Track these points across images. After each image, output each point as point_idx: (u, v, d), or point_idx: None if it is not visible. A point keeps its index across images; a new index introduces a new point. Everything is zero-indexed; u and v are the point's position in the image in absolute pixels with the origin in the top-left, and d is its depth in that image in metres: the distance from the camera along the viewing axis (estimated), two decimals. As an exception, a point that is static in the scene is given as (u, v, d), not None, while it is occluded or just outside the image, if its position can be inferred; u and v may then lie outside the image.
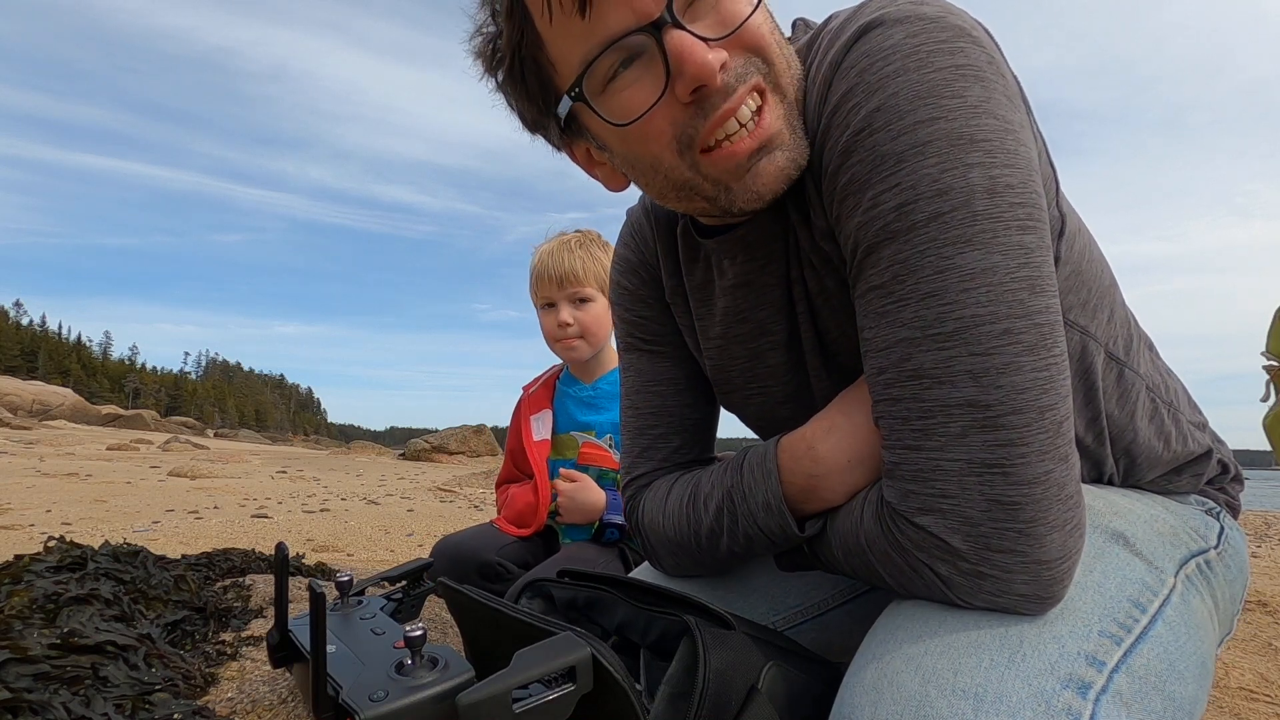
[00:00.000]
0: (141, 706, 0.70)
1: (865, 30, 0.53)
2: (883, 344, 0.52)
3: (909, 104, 0.50)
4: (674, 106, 0.55)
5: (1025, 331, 0.48)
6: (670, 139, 0.56)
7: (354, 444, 23.67)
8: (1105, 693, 0.47)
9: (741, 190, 0.58)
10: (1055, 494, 0.48)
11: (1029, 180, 0.50)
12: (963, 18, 0.53)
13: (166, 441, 14.10)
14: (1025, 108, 0.56)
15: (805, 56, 0.60)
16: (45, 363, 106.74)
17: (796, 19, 0.68)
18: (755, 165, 0.56)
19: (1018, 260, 0.49)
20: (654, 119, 0.55)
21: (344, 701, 0.46)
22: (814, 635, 0.79)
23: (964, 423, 0.48)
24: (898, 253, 0.50)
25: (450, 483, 7.78)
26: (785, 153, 0.57)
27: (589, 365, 1.52)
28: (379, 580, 0.82)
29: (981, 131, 0.49)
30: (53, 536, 1.05)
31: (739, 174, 0.57)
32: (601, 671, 0.48)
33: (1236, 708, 1.20)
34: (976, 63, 0.51)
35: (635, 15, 0.53)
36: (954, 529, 0.49)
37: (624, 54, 0.54)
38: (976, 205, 0.48)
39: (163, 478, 6.42)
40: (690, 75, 0.52)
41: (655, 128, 0.56)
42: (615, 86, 0.56)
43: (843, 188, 0.54)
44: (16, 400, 29.80)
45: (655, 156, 0.58)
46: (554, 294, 1.45)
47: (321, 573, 1.52)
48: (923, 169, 0.49)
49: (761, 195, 0.58)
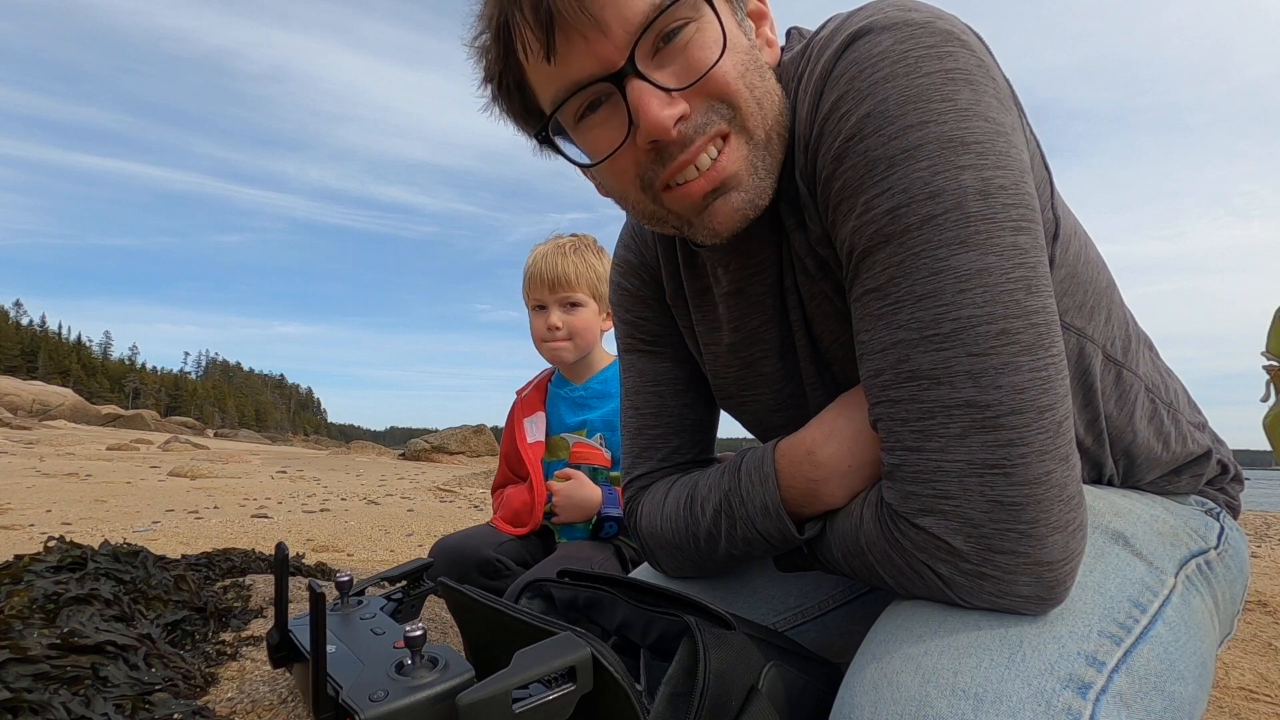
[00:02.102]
0: (141, 706, 0.70)
1: (854, 38, 0.53)
2: (879, 346, 0.52)
3: (899, 109, 0.50)
4: (636, 150, 0.57)
5: (1022, 331, 0.48)
6: (633, 177, 0.59)
7: (354, 444, 23.69)
8: (1105, 693, 0.47)
9: (700, 226, 0.60)
10: (1057, 494, 0.48)
11: (1021, 181, 0.50)
12: (951, 22, 0.53)
13: (166, 441, 14.10)
14: (1017, 110, 0.56)
15: (797, 65, 0.60)
16: (45, 363, 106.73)
17: (791, 28, 0.68)
18: (711, 205, 0.58)
19: (1013, 261, 0.49)
20: (619, 159, 0.58)
21: (344, 701, 0.46)
22: (814, 636, 0.79)
23: (964, 423, 0.48)
24: (892, 256, 0.51)
25: (450, 483, 7.78)
26: (742, 194, 0.58)
27: (578, 367, 1.53)
28: (379, 580, 0.82)
29: (972, 134, 0.49)
30: (53, 536, 1.05)
31: (696, 211, 0.59)
32: (601, 671, 0.48)
33: (1236, 708, 1.20)
34: (965, 66, 0.51)
35: (600, 64, 0.54)
36: (955, 530, 0.49)
37: (590, 98, 0.57)
38: (969, 207, 0.48)
39: (163, 478, 6.42)
40: (646, 131, 0.54)
41: (620, 166, 0.59)
42: (584, 125, 0.59)
43: (836, 193, 0.54)
44: (16, 400, 29.80)
45: (622, 189, 0.62)
46: (545, 296, 1.47)
47: (321, 573, 1.52)
48: (914, 172, 0.49)
49: (718, 233, 0.60)
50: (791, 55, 0.62)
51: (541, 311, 1.48)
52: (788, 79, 0.61)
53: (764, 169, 0.58)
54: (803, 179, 0.58)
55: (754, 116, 0.57)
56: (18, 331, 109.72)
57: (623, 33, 0.53)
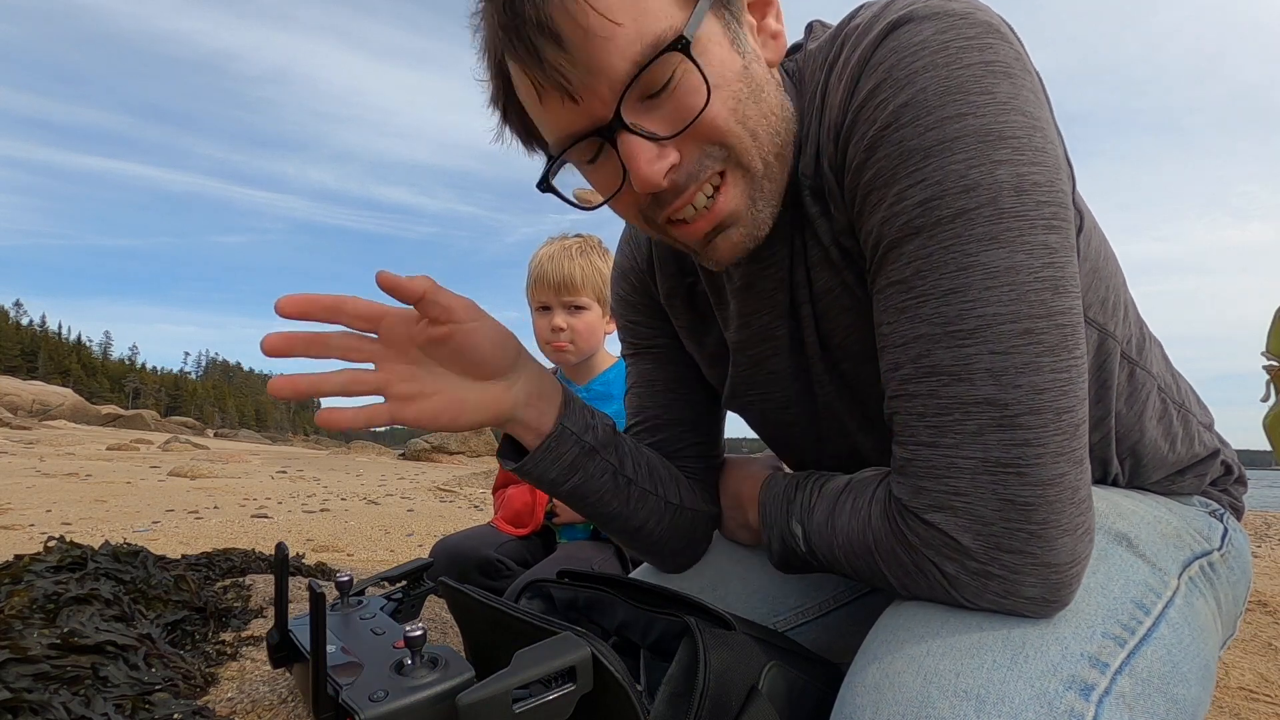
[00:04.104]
0: (141, 706, 0.70)
1: (894, 26, 0.52)
2: (901, 339, 0.52)
3: (937, 99, 0.49)
4: (634, 193, 0.57)
5: (1047, 332, 0.48)
6: (635, 213, 0.60)
7: (354, 444, 23.68)
8: (1108, 694, 0.46)
9: (705, 257, 0.61)
10: (1069, 497, 0.48)
11: (1056, 179, 0.50)
12: (990, 14, 0.52)
13: (166, 441, 14.09)
14: (1048, 105, 0.55)
15: (826, 53, 0.59)
16: (45, 363, 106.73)
17: (813, 20, 0.67)
18: (712, 241, 0.59)
19: (1042, 260, 0.48)
20: (619, 202, 0.60)
21: (344, 701, 0.46)
22: (815, 636, 0.79)
23: (981, 421, 0.48)
24: (921, 248, 0.50)
25: (450, 483, 7.77)
26: (741, 229, 0.59)
27: (581, 368, 1.53)
28: (379, 580, 0.82)
29: (1010, 128, 0.48)
30: (53, 536, 1.05)
31: (700, 245, 0.60)
32: (602, 671, 0.47)
33: (1236, 708, 1.20)
34: (1005, 59, 0.50)
35: (590, 119, 0.54)
36: (965, 527, 0.48)
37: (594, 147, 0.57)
38: (1003, 203, 0.48)
39: (163, 478, 6.42)
40: (638, 187, 0.55)
41: (621, 205, 0.60)
42: (590, 167, 0.60)
43: (867, 183, 0.53)
44: (16, 400, 29.80)
45: (631, 219, 0.63)
46: (550, 299, 1.47)
47: (321, 573, 1.52)
48: (950, 164, 0.48)
49: (721, 264, 0.62)
50: (819, 44, 0.61)
51: (546, 313, 1.48)
52: (813, 68, 0.60)
53: (763, 199, 0.58)
54: (831, 168, 0.57)
55: (749, 151, 0.56)
56: (18, 331, 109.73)
57: (609, 89, 0.52)
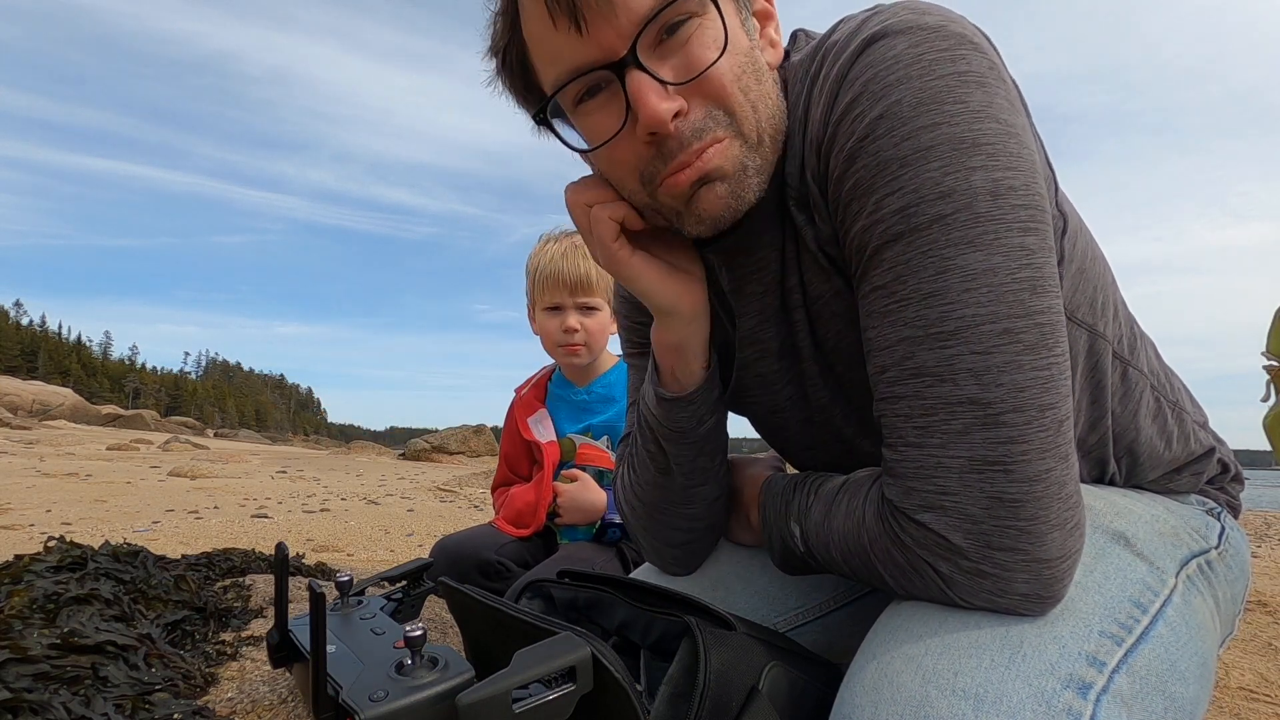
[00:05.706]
0: (141, 706, 0.70)
1: (870, 41, 0.54)
2: (885, 343, 0.53)
3: (912, 110, 0.50)
4: (635, 140, 0.57)
5: (1026, 331, 0.49)
6: (633, 168, 0.59)
7: (354, 444, 23.67)
8: (1106, 693, 0.47)
9: (689, 215, 0.60)
10: (1056, 492, 0.48)
11: (1032, 182, 0.51)
12: (964, 25, 0.53)
13: (166, 441, 14.09)
14: (1025, 111, 0.56)
15: (808, 67, 0.60)
16: (45, 363, 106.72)
17: (797, 30, 0.69)
18: (696, 193, 0.58)
19: (1019, 261, 0.49)
20: (618, 147, 0.58)
21: (344, 701, 0.46)
22: (815, 636, 0.79)
23: (966, 420, 0.49)
24: (900, 254, 0.51)
25: (450, 483, 7.77)
26: (726, 184, 0.58)
27: (582, 370, 1.51)
28: (379, 580, 0.82)
29: (984, 136, 0.50)
30: (53, 536, 1.05)
31: (684, 200, 0.59)
32: (602, 671, 0.47)
33: (1236, 708, 1.20)
34: (978, 69, 0.51)
35: (601, 51, 0.54)
36: (955, 526, 0.49)
37: (590, 83, 0.57)
38: (979, 207, 0.49)
39: (163, 478, 6.41)
40: (644, 123, 0.54)
41: (619, 155, 0.59)
42: (583, 109, 0.59)
43: (847, 193, 0.55)
44: (16, 400, 29.80)
45: (620, 179, 0.61)
46: (564, 299, 1.43)
47: (321, 573, 1.52)
48: (926, 173, 0.50)
49: (704, 220, 0.60)
50: (801, 57, 0.62)
51: (556, 313, 1.44)
52: (796, 79, 0.61)
53: (754, 169, 0.59)
54: (814, 180, 0.59)
55: (748, 120, 0.57)
56: (18, 331, 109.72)
57: (628, 22, 0.53)
